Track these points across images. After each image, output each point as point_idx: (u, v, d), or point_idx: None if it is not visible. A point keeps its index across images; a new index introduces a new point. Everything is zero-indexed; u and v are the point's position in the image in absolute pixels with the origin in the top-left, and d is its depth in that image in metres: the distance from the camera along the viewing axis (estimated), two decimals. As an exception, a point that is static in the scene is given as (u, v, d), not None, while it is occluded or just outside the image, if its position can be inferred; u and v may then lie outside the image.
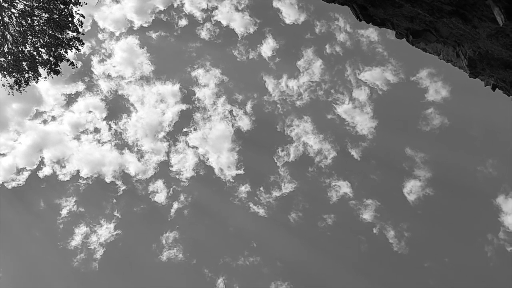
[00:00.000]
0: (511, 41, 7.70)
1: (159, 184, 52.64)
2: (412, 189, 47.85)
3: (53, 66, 21.14)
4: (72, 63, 21.56)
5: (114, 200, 52.40)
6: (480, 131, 48.19)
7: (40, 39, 20.71)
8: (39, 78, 21.36)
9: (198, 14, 55.72)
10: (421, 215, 48.43)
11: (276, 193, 50.76)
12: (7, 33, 20.47)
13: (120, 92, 55.99)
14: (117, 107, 56.16)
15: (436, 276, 45.00)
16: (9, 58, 20.55)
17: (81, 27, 21.20)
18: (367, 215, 47.97)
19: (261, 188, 51.32)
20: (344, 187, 49.66)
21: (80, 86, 54.40)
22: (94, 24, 55.01)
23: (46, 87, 53.54)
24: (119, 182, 52.34)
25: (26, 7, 20.20)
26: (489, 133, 47.91)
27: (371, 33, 51.33)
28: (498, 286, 41.92)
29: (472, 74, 9.94)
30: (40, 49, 20.89)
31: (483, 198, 45.83)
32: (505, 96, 10.24)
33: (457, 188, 47.78)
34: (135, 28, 55.34)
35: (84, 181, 52.30)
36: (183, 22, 55.84)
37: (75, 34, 21.12)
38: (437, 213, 48.54)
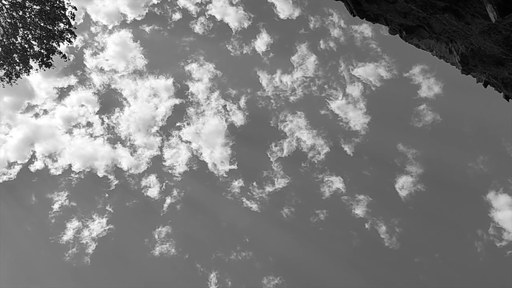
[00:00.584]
0: (503, 38, 7.74)
1: (152, 178, 52.53)
2: (403, 185, 48.24)
3: (44, 59, 20.89)
4: (64, 56, 21.33)
5: (107, 195, 52.22)
6: (471, 128, 48.64)
7: (32, 31, 20.46)
8: (30, 70, 21.13)
9: (192, 8, 55.43)
10: (413, 211, 48.88)
11: (269, 188, 50.91)
12: (-3, 24, 20.20)
13: (113, 86, 55.64)
14: (109, 101, 55.83)
15: (427, 271, 45.49)
16: (0, 51, 20.29)
17: (73, 19, 20.97)
18: (359, 211, 48.31)
19: (254, 183, 51.43)
20: (336, 183, 49.93)
21: (73, 80, 54.01)
22: (87, 17, 54.54)
23: (38, 81, 53.09)
24: (111, 177, 52.15)
25: (17, -1, 19.92)
26: (481, 129, 48.39)
27: (364, 28, 51.48)
28: (488, 281, 42.50)
29: (465, 71, 10.00)
30: (31, 41, 20.64)
31: (474, 194, 46.37)
32: (497, 93, 10.32)
33: (448, 184, 48.25)
34: (128, 22, 54.96)
35: (76, 176, 52.05)
36: (176, 16, 55.53)
37: (67, 26, 20.87)
38: (428, 209, 49.00)
